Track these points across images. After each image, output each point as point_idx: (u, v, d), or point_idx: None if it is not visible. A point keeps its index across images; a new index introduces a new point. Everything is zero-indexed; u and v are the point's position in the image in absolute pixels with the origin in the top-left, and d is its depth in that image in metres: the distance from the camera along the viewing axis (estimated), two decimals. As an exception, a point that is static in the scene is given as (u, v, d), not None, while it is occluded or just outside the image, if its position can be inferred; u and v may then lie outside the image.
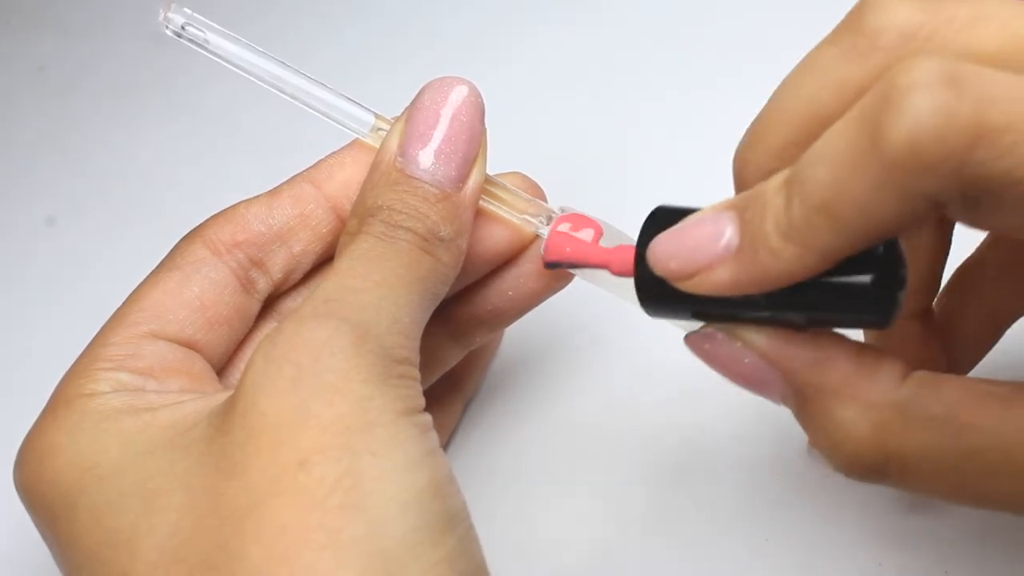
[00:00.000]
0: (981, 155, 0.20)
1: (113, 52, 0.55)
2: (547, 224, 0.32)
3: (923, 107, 0.20)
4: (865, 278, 0.24)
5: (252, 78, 0.31)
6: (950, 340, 0.31)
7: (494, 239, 0.32)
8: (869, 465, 0.24)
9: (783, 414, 0.36)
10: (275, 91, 0.31)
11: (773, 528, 0.34)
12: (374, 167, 0.30)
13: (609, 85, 0.47)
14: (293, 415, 0.24)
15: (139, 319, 0.30)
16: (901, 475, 0.24)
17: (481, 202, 0.31)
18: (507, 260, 0.33)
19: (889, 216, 0.22)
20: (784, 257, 0.23)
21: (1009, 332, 0.32)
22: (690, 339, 0.26)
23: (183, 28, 0.31)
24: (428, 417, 0.26)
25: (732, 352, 0.25)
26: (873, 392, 0.24)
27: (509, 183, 0.32)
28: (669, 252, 0.25)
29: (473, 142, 0.30)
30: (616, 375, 0.39)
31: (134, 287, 0.31)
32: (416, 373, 0.27)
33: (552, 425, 0.38)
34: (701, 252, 0.24)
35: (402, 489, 0.24)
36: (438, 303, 0.29)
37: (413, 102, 0.30)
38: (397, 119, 0.30)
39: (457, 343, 0.34)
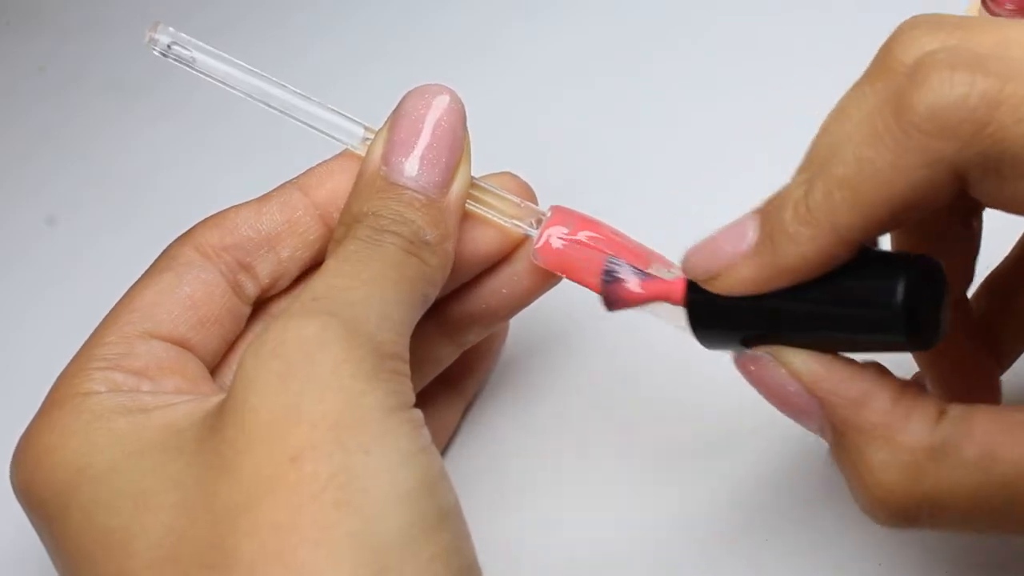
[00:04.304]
0: (1001, 118, 0.21)
1: (113, 51, 0.55)
2: (536, 226, 0.32)
3: (946, 78, 0.22)
4: (894, 285, 0.24)
5: (240, 94, 0.32)
6: (990, 337, 0.31)
7: (484, 241, 0.32)
8: (898, 506, 0.24)
9: (783, 414, 0.36)
10: (263, 106, 0.32)
11: (773, 528, 0.34)
12: (359, 176, 0.30)
13: (607, 85, 0.47)
14: (283, 411, 0.24)
15: (132, 319, 0.30)
16: (932, 517, 0.24)
17: (470, 205, 0.31)
18: (498, 261, 0.33)
19: (910, 186, 0.22)
20: (800, 240, 0.24)
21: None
22: (739, 361, 0.27)
23: (169, 47, 0.31)
24: (419, 413, 0.26)
25: (777, 377, 0.26)
26: (907, 435, 0.24)
27: (498, 184, 0.32)
28: (699, 256, 0.26)
29: (456, 148, 0.30)
30: (616, 377, 0.38)
31: (129, 288, 0.31)
32: (406, 369, 0.27)
33: (552, 426, 0.38)
34: (725, 251, 0.25)
35: (395, 486, 0.24)
36: (427, 306, 0.29)
37: (395, 110, 0.31)
38: (380, 128, 0.30)
39: (452, 341, 0.34)
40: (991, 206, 0.24)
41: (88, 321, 0.31)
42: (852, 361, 0.25)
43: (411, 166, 0.30)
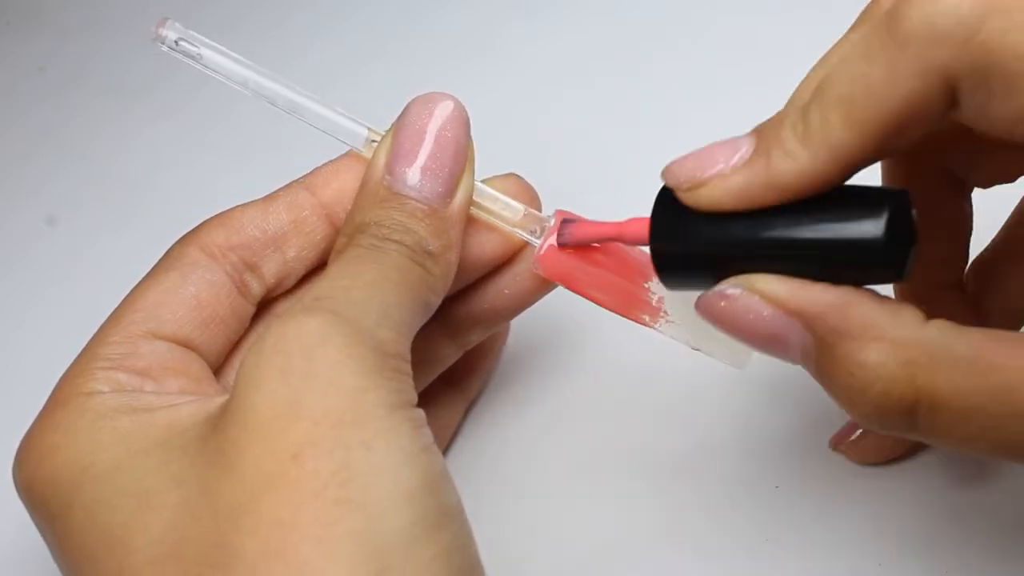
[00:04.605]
0: (990, 27, 0.22)
1: (113, 51, 0.55)
2: (539, 233, 0.32)
3: None
4: (879, 211, 0.24)
5: (244, 91, 0.32)
6: (980, 317, 0.31)
7: (488, 246, 0.32)
8: (898, 405, 0.23)
9: (783, 414, 0.36)
10: (267, 104, 0.32)
11: (773, 528, 0.34)
12: (363, 186, 0.30)
13: (607, 85, 0.47)
14: (284, 407, 0.24)
15: (136, 319, 0.30)
16: (930, 415, 0.23)
17: (474, 211, 0.31)
18: (501, 265, 0.33)
19: (904, 98, 0.23)
20: (798, 157, 0.24)
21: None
22: (704, 299, 0.26)
23: (176, 43, 0.31)
24: (421, 412, 0.26)
25: (749, 306, 0.25)
26: (899, 332, 0.24)
27: (502, 186, 0.32)
28: (685, 164, 0.26)
29: (459, 157, 0.30)
30: (618, 376, 0.38)
31: (133, 287, 0.31)
32: (408, 369, 0.27)
33: (554, 426, 0.38)
34: (715, 161, 0.25)
35: (397, 484, 0.24)
36: (430, 314, 0.29)
37: (398, 119, 0.30)
38: (384, 136, 0.30)
39: (454, 341, 0.34)
40: (980, 129, 0.24)
41: (88, 321, 0.31)
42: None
43: (414, 176, 0.29)
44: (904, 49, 0.23)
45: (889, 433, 0.25)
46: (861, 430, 0.34)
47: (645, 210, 0.28)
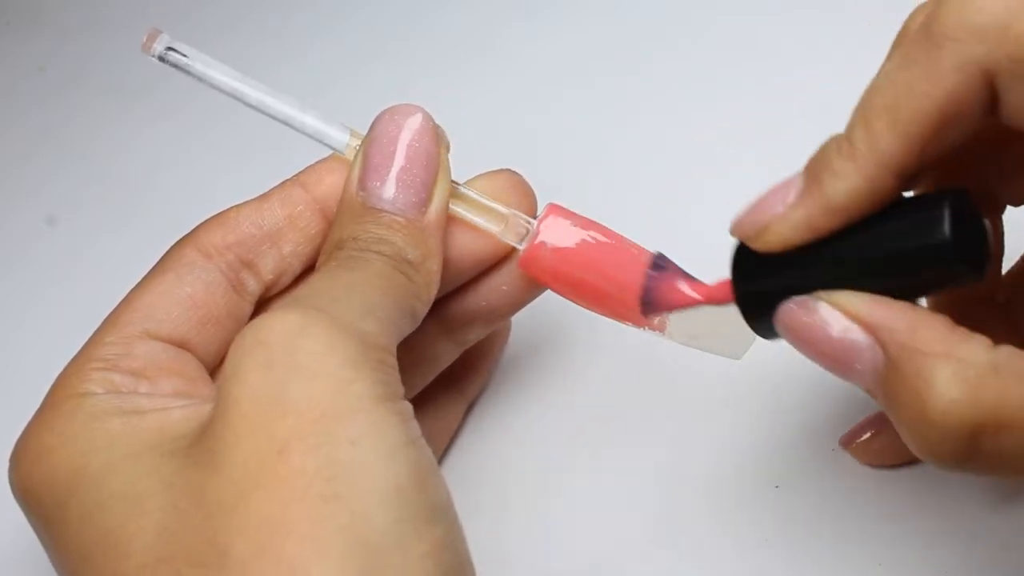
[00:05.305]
0: None
1: (113, 52, 0.55)
2: (526, 236, 0.32)
3: None
4: (939, 211, 0.24)
5: (234, 98, 0.32)
6: (1014, 326, 0.31)
7: (479, 246, 0.32)
8: (963, 427, 0.23)
9: (784, 414, 0.36)
10: (256, 111, 0.32)
11: (773, 528, 0.34)
12: (340, 204, 0.30)
13: (607, 85, 0.47)
14: (267, 402, 0.24)
15: (132, 319, 0.30)
16: (996, 436, 0.23)
17: (461, 212, 0.31)
18: (492, 266, 0.33)
19: (945, 95, 0.23)
20: (847, 175, 0.24)
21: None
22: (784, 310, 0.26)
23: (167, 51, 0.32)
24: (408, 406, 0.26)
25: (825, 320, 0.25)
26: (969, 351, 0.24)
27: (496, 182, 0.32)
28: (747, 214, 0.26)
29: (430, 167, 0.30)
30: (618, 376, 0.38)
31: (131, 289, 0.31)
32: (394, 362, 0.26)
33: (553, 426, 0.38)
34: (773, 204, 0.26)
35: (385, 480, 0.24)
36: (416, 322, 0.29)
37: (368, 134, 0.31)
38: (356, 153, 0.31)
39: (452, 338, 0.34)
40: (1020, 124, 0.24)
41: (88, 321, 0.31)
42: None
43: (388, 189, 0.30)
44: (941, 48, 0.23)
45: (947, 467, 0.24)
46: (872, 431, 0.34)
47: (641, 209, 0.28)
